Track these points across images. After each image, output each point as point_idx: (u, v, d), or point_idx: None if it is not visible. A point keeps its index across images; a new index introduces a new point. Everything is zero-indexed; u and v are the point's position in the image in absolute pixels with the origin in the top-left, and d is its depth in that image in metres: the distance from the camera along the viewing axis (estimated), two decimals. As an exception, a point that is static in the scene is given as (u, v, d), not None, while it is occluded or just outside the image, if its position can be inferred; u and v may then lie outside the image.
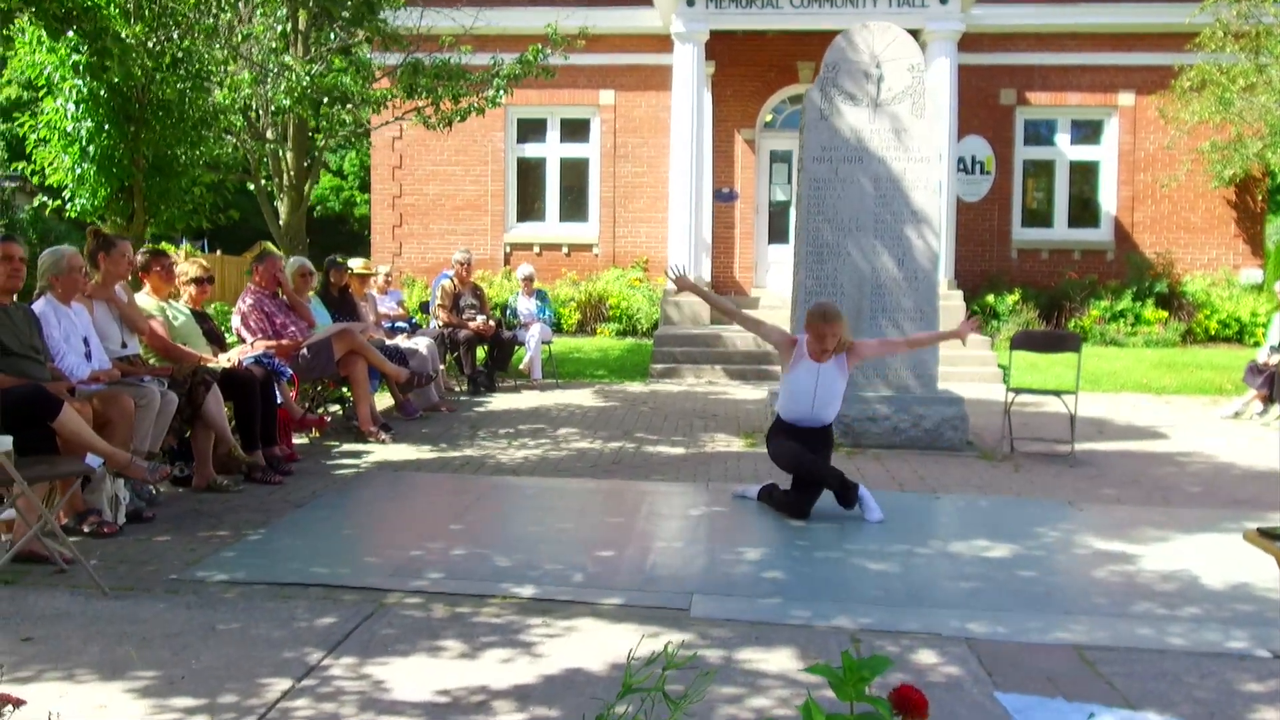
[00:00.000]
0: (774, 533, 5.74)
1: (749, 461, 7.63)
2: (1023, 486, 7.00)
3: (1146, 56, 15.90)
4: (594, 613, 4.27)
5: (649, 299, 15.66)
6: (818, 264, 8.45)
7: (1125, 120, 16.42)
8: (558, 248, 17.33)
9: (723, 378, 12.59)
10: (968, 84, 16.06)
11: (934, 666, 3.83)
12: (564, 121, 17.60)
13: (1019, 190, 16.84)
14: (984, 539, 5.67)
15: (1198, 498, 6.79)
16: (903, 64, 8.50)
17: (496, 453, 7.74)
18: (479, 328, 10.94)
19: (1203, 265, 16.19)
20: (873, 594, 4.68)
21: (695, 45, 15.25)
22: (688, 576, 4.83)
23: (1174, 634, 4.26)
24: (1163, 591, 4.80)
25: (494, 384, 11.18)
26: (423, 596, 4.41)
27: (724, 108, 16.91)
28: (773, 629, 4.15)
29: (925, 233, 8.40)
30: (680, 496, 6.50)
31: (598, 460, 7.54)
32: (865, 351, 6.59)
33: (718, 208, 16.98)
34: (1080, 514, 6.27)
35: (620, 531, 5.69)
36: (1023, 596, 4.71)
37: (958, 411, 8.26)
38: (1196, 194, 16.05)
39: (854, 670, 2.14)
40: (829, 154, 8.51)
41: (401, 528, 5.65)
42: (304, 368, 7.87)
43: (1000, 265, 16.45)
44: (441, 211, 17.52)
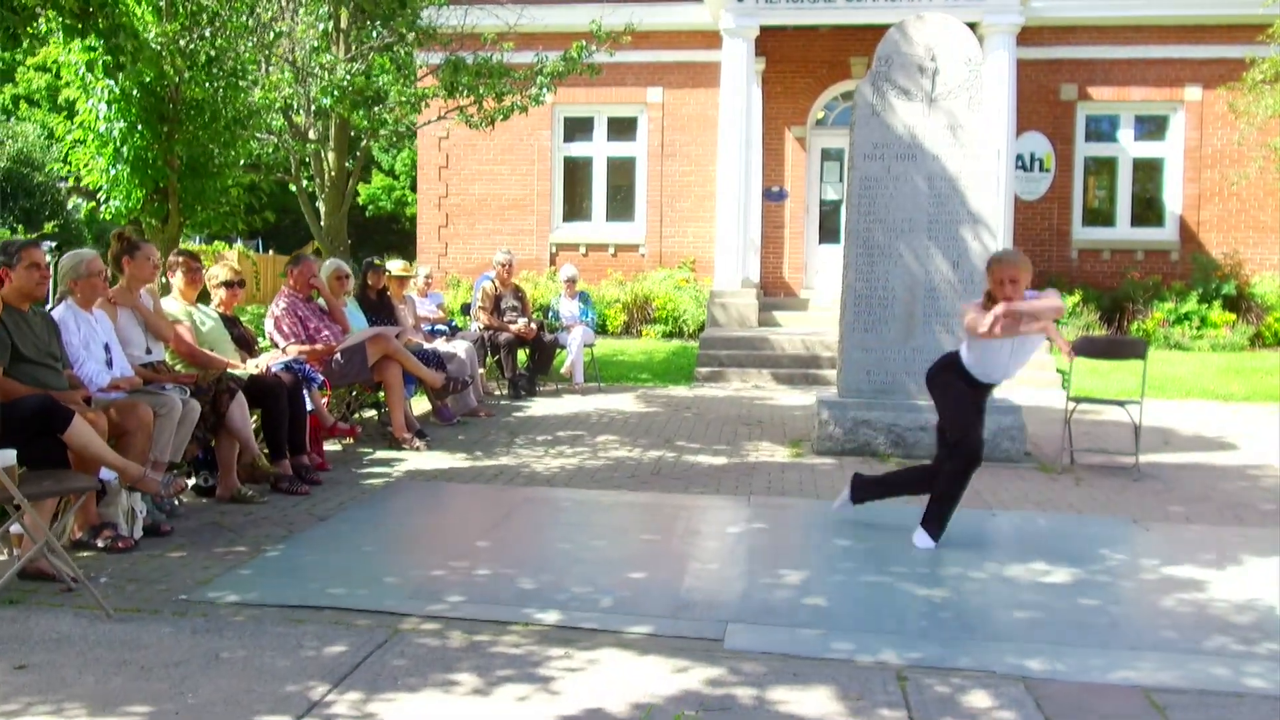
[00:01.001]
0: (816, 553, 5.44)
1: (794, 473, 7.32)
2: (1084, 502, 6.62)
3: (1214, 49, 15.31)
4: (619, 643, 4.00)
5: (695, 300, 15.38)
6: (868, 266, 8.12)
7: (1192, 115, 15.82)
8: (604, 248, 17.09)
9: (770, 382, 12.26)
10: (1027, 79, 15.57)
11: (988, 710, 3.51)
12: (611, 120, 17.36)
13: (1080, 188, 16.30)
14: (1042, 561, 5.32)
15: (1273, 516, 6.38)
16: (959, 57, 8.14)
17: (532, 461, 7.50)
18: (520, 330, 10.72)
19: (1273, 265, 15.54)
20: (921, 624, 4.36)
21: (745, 41, 14.93)
22: (723, 602, 4.54)
23: (1252, 674, 3.90)
24: (1238, 624, 4.43)
25: (535, 388, 10.95)
26: (440, 622, 4.17)
27: (774, 105, 16.57)
28: (811, 664, 3.86)
29: (982, 234, 8.03)
30: (719, 512, 6.21)
31: (636, 470, 7.28)
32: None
33: (767, 207, 16.64)
34: (1146, 534, 5.90)
35: (654, 550, 5.42)
36: (1084, 628, 4.37)
37: (1015, 421, 7.88)
38: (1267, 191, 15.42)
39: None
40: (881, 151, 8.17)
41: (426, 544, 5.43)
42: (337, 373, 7.69)
43: (1060, 266, 15.93)
44: (487, 211, 17.37)
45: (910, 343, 8.04)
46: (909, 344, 8.04)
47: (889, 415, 7.96)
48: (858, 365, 8.13)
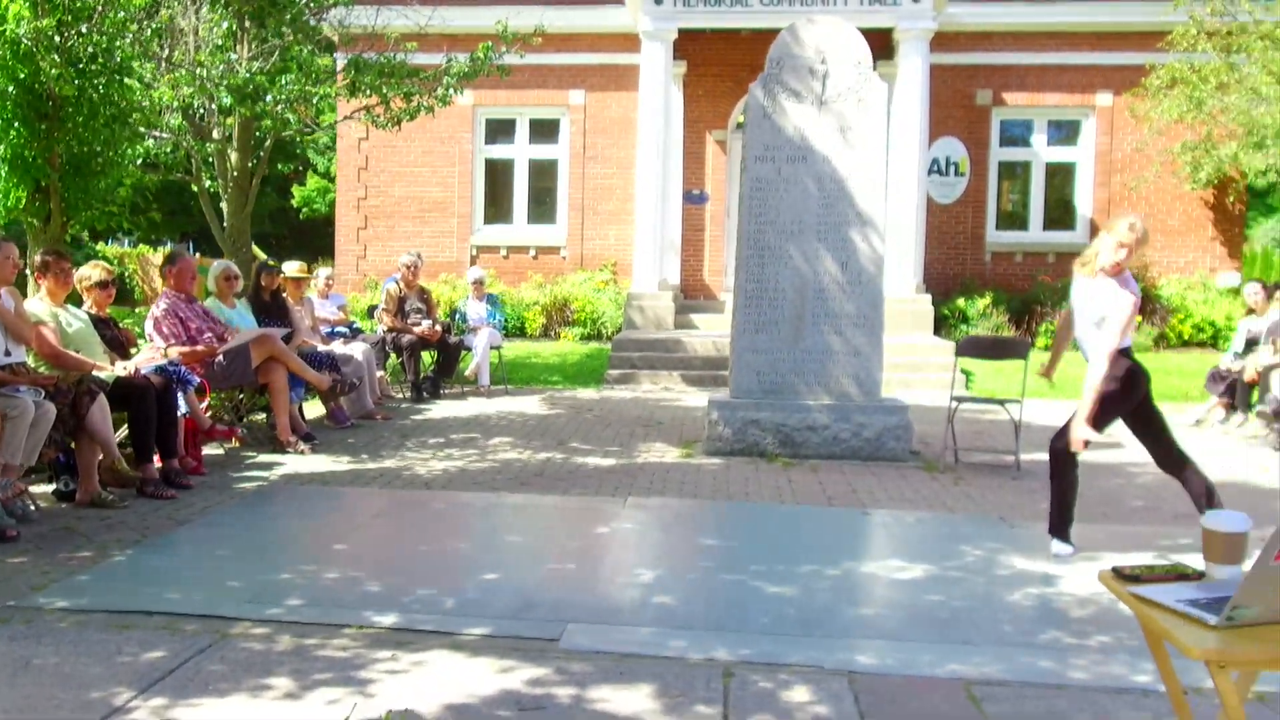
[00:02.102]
0: (678, 552, 5.45)
1: (678, 473, 7.33)
2: (959, 501, 6.70)
3: (1124, 56, 15.59)
4: (453, 644, 3.97)
5: (615, 302, 15.37)
6: (759, 267, 8.16)
7: (1103, 121, 16.12)
8: (525, 250, 17.04)
9: (680, 384, 12.29)
10: (943, 84, 15.77)
11: (804, 705, 3.53)
12: (533, 122, 17.32)
13: (994, 192, 16.53)
14: (901, 559, 5.38)
15: (1139, 513, 6.50)
16: (849, 60, 8.20)
17: (417, 465, 7.44)
18: (423, 333, 10.65)
19: (1179, 269, 15.89)
20: (763, 621, 4.38)
21: (663, 44, 14.96)
22: (570, 603, 4.53)
23: (1077, 667, 3.96)
24: (1076, 618, 4.51)
25: (439, 391, 10.88)
26: (272, 626, 4.11)
27: (695, 108, 16.63)
28: (642, 663, 3.85)
29: (870, 235, 8.10)
30: (592, 513, 6.20)
31: (520, 472, 7.25)
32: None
33: (688, 210, 16.69)
34: (1011, 531, 5.98)
35: (514, 552, 5.40)
36: (924, 623, 4.42)
37: (900, 420, 7.95)
38: (1174, 196, 15.75)
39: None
40: (772, 153, 8.22)
41: (281, 548, 5.35)
42: (220, 375, 7.57)
43: (974, 269, 16.15)
44: (407, 213, 17.24)
45: (800, 344, 8.09)
46: (798, 345, 8.09)
47: (778, 416, 8.00)
48: (748, 366, 8.17)
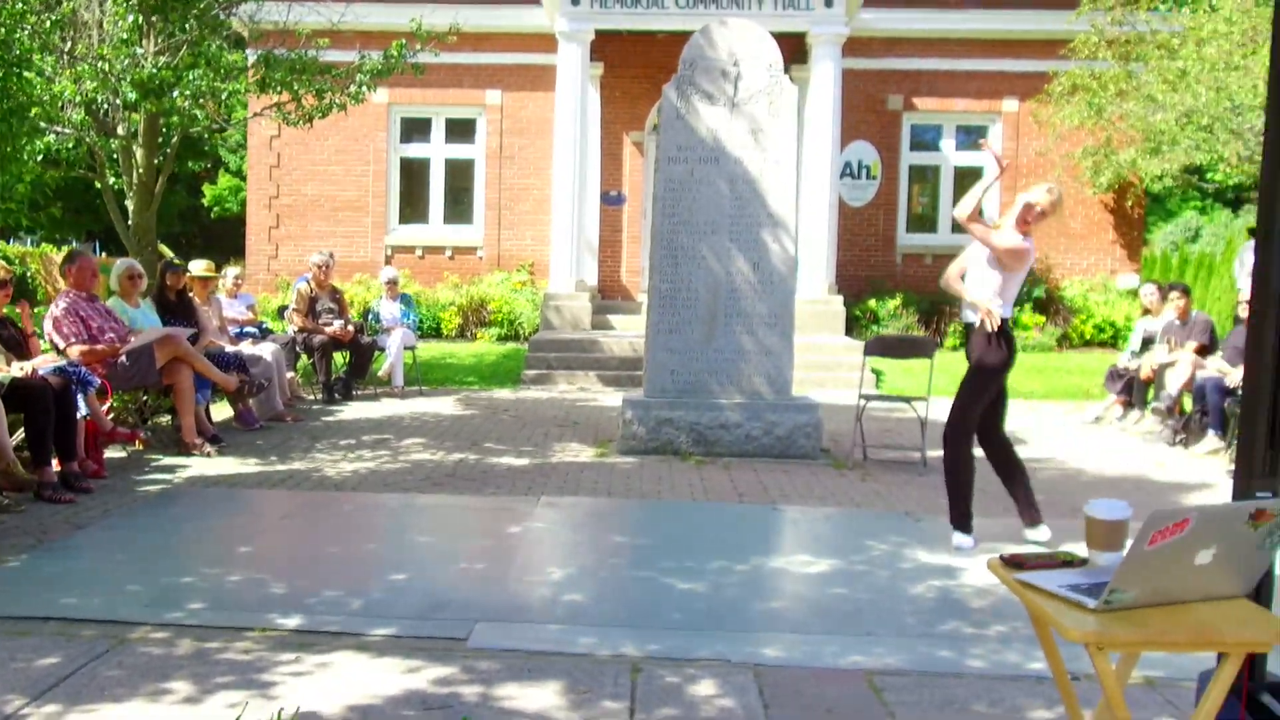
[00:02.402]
0: (589, 550, 5.47)
1: (592, 473, 7.35)
2: (866, 497, 6.82)
3: (1029, 63, 16.00)
4: (358, 646, 3.94)
5: (532, 303, 15.33)
6: (673, 267, 8.21)
7: (1009, 126, 16.53)
8: (441, 250, 16.91)
9: (596, 384, 12.31)
10: (855, 89, 16.01)
11: (710, 699, 3.57)
12: (449, 121, 17.19)
13: (904, 195, 16.85)
14: (809, 554, 5.47)
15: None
16: (761, 63, 8.30)
17: (326, 466, 7.35)
18: (335, 333, 10.51)
19: (1081, 270, 16.36)
20: (673, 617, 4.42)
21: (580, 45, 14.96)
22: (479, 602, 4.51)
23: (974, 655, 4.07)
24: (975, 608, 4.63)
25: (351, 393, 10.74)
26: (172, 630, 4.03)
27: (612, 109, 16.66)
28: (550, 660, 3.86)
29: (782, 236, 8.21)
30: (504, 512, 6.18)
31: (432, 473, 7.20)
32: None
33: (605, 211, 16.72)
34: (915, 525, 6.10)
35: (424, 552, 5.36)
36: (829, 616, 4.50)
37: (811, 419, 8.07)
38: (1076, 200, 16.21)
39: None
40: (685, 154, 8.28)
41: (184, 551, 5.24)
42: (122, 376, 7.39)
43: (885, 270, 16.44)
44: (320, 213, 16.99)
45: (713, 344, 8.16)
46: (712, 345, 8.16)
47: (692, 415, 8.06)
48: (662, 365, 8.22)
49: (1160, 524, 2.04)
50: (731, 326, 8.15)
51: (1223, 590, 2.25)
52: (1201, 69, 11.15)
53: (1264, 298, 2.48)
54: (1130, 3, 13.71)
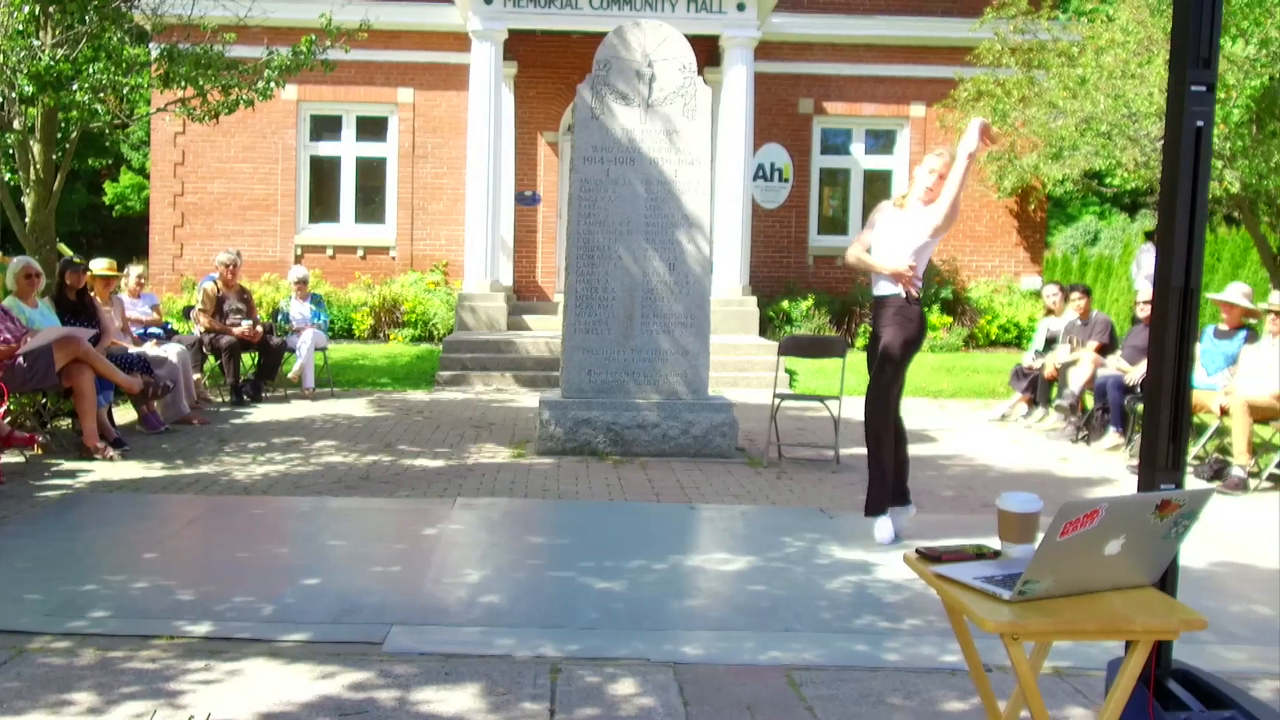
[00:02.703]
0: (506, 551, 5.43)
1: (509, 473, 7.30)
2: (781, 494, 6.89)
3: (935, 69, 16.33)
4: (270, 652, 3.85)
5: (447, 303, 15.18)
6: (589, 267, 8.20)
7: (916, 131, 16.85)
8: (352, 250, 16.65)
9: (513, 385, 12.24)
10: (767, 92, 16.18)
11: (630, 698, 3.57)
12: (360, 119, 16.93)
13: (816, 198, 17.07)
14: (726, 552, 5.50)
15: (949, 502, 6.83)
16: (675, 64, 8.34)
17: (235, 470, 7.18)
18: (244, 333, 10.28)
19: (986, 272, 16.76)
20: (592, 617, 4.41)
21: (493, 44, 14.86)
22: (394, 605, 4.45)
23: (890, 649, 4.14)
24: (890, 603, 4.70)
25: (260, 395, 10.51)
26: (75, 639, 3.90)
27: (527, 109, 16.59)
28: (468, 662, 3.82)
29: (696, 237, 8.25)
30: (419, 515, 6.10)
31: (345, 476, 7.08)
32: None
33: (520, 211, 16.63)
34: (830, 522, 6.18)
35: (337, 556, 5.27)
36: (748, 613, 4.53)
37: (726, 418, 8.13)
38: (981, 204, 16.60)
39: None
40: (601, 154, 8.28)
41: (86, 558, 5.07)
42: (20, 378, 7.13)
43: (797, 272, 16.64)
44: (227, 211, 16.60)
45: (630, 343, 8.17)
46: (628, 345, 8.17)
47: (609, 414, 8.06)
48: (579, 365, 8.20)
49: (1072, 515, 2.10)
50: (648, 326, 8.17)
51: (1131, 580, 2.32)
52: (1100, 77, 11.49)
53: (1165, 294, 2.56)
54: (1031, 12, 14.08)
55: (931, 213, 5.51)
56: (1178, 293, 2.54)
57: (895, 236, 5.61)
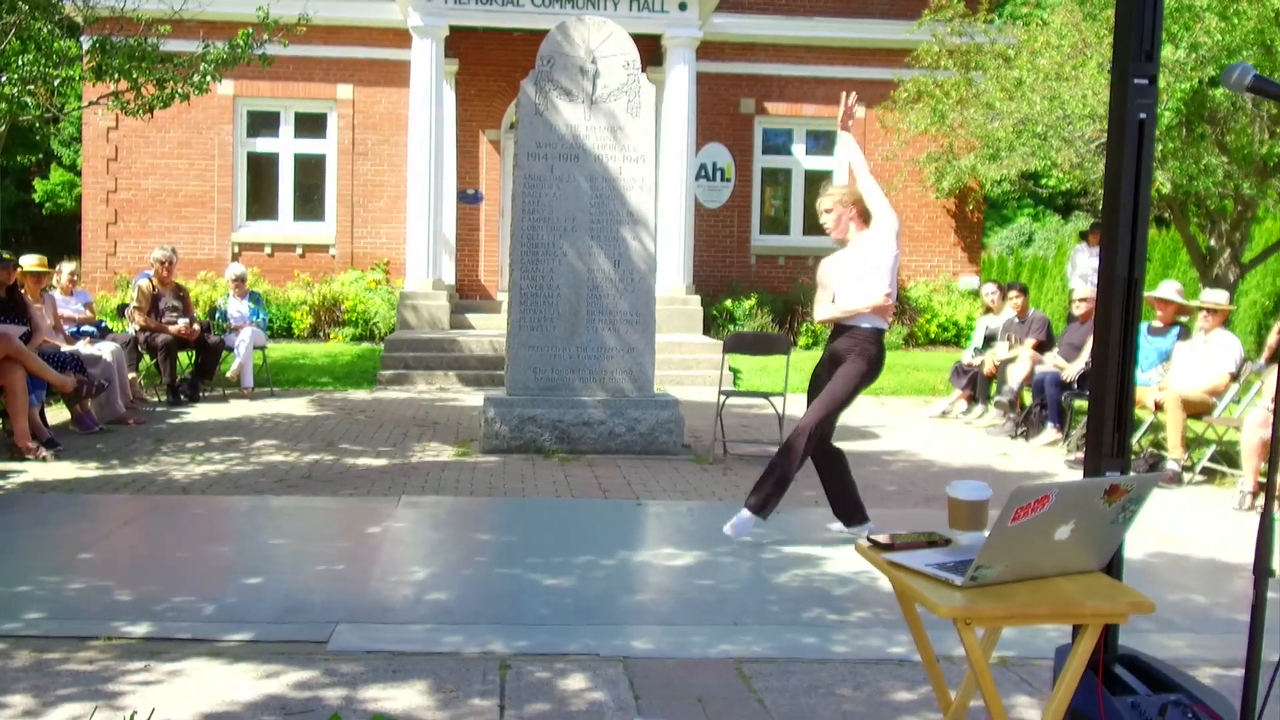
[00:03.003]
0: (452, 549, 5.38)
1: (454, 472, 7.24)
2: (728, 490, 6.91)
3: (875, 71, 16.47)
4: (211, 652, 3.78)
5: (388, 302, 15.01)
6: (533, 264, 8.16)
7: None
8: (291, 248, 16.40)
9: (456, 384, 12.14)
10: (709, 92, 16.22)
11: (580, 693, 3.55)
12: (299, 116, 16.68)
13: (758, 198, 17.15)
14: (674, 547, 5.51)
15: (893, 496, 6.89)
16: (618, 60, 8.33)
17: (173, 469, 7.03)
18: (180, 331, 10.08)
19: (925, 272, 16.97)
20: (541, 613, 4.39)
21: (434, 40, 14.73)
22: (340, 604, 4.39)
23: (838, 641, 4.16)
24: (838, 596, 4.73)
25: (198, 394, 10.31)
26: (9, 641, 3.79)
27: (468, 107, 16.47)
28: (415, 660, 3.78)
29: (641, 234, 8.25)
30: (363, 513, 6.03)
31: (286, 475, 6.97)
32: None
33: (462, 209, 16.50)
34: (776, 516, 6.17)
35: (279, 555, 5.19)
36: (696, 607, 4.54)
37: (672, 415, 8.14)
38: (920, 204, 16.80)
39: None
40: (545, 150, 8.24)
41: (19, 558, 4.94)
42: (-54, 377, 6.92)
43: (740, 271, 16.71)
44: (163, 208, 16.27)
45: (575, 340, 8.15)
46: (574, 342, 8.15)
47: (555, 412, 8.03)
48: (524, 363, 8.16)
49: (1023, 500, 2.12)
50: (594, 323, 8.15)
51: (1080, 565, 2.35)
52: (1036, 79, 11.68)
53: (1110, 285, 2.60)
54: (968, 14, 14.29)
55: (876, 228, 5.51)
56: (1122, 283, 2.58)
57: (856, 271, 5.47)
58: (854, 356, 5.45)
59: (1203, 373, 7.85)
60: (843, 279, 5.56)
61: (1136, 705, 2.47)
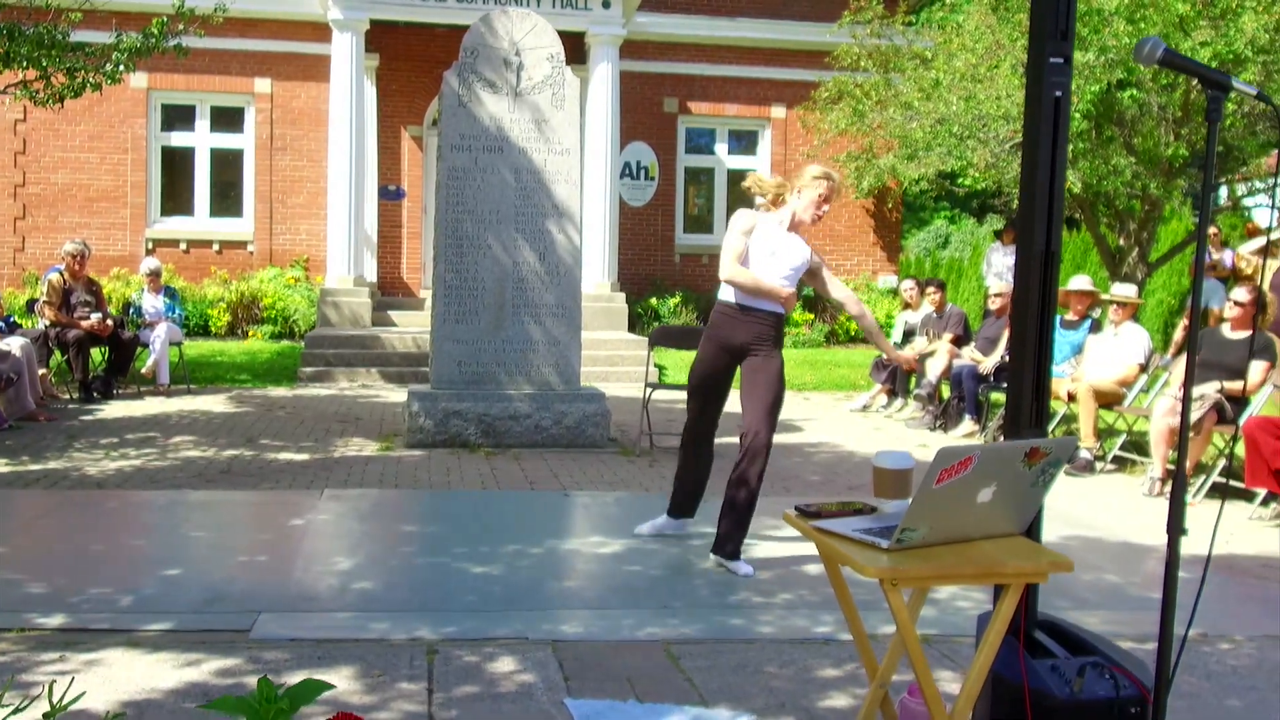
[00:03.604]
0: (378, 540, 5.33)
1: (378, 465, 7.16)
2: (654, 481, 6.94)
3: (796, 72, 16.69)
4: (130, 642, 3.69)
5: (308, 299, 14.77)
6: (458, 257, 8.11)
7: (777, 132, 17.19)
8: (208, 244, 16.06)
9: (379, 381, 12.00)
10: (633, 91, 16.26)
11: (510, 675, 3.55)
12: (215, 109, 16.34)
13: (681, 197, 17.23)
14: (601, 535, 5.51)
15: (816, 486, 6.98)
16: (543, 53, 8.31)
17: (87, 465, 6.85)
18: (93, 326, 9.81)
19: (846, 271, 17.21)
20: (467, 600, 4.37)
21: (354, 34, 14.55)
22: (262, 593, 4.32)
23: (764, 622, 4.21)
24: (764, 580, 4.78)
25: (112, 391, 10.04)
26: (-86, 635, 3.67)
27: (390, 102, 16.29)
28: (341, 646, 3.74)
29: (567, 227, 8.25)
30: (285, 506, 5.93)
31: (204, 470, 6.82)
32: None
33: (384, 206, 16.32)
34: (703, 505, 6.22)
35: (198, 547, 5.08)
36: (625, 592, 4.55)
37: (599, 408, 8.15)
38: (841, 204, 17.01)
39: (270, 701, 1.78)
40: (469, 142, 8.19)
41: (-76, 554, 4.78)
42: None
43: (664, 270, 16.77)
44: (73, 203, 15.81)
45: (501, 333, 8.11)
46: (499, 334, 8.11)
47: (480, 405, 7.98)
48: (449, 357, 8.10)
49: (948, 461, 2.17)
50: (520, 316, 8.12)
51: (1001, 528, 2.41)
52: (953, 79, 11.93)
53: (1028, 259, 2.67)
54: (887, 16, 14.53)
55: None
56: (1039, 257, 2.66)
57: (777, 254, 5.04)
58: (777, 351, 5.09)
59: (1113, 364, 8.09)
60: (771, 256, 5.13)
61: (1056, 668, 2.54)
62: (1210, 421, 6.86)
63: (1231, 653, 4.00)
